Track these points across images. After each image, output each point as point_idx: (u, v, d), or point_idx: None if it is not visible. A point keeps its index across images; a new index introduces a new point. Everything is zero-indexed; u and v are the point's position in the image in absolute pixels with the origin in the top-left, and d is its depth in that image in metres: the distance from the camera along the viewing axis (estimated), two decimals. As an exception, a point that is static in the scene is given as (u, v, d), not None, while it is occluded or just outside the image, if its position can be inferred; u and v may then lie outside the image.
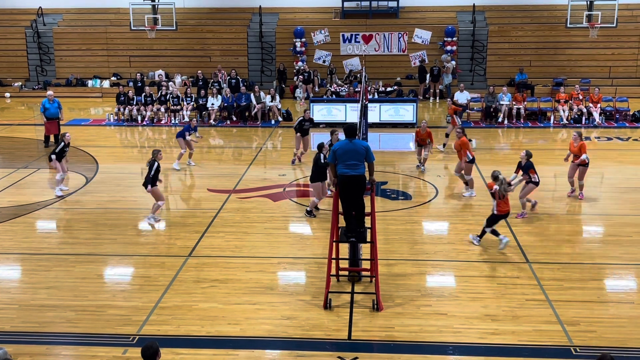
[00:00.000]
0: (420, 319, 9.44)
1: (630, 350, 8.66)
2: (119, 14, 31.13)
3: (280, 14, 31.50)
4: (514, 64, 28.68)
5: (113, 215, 13.96)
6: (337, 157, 9.90)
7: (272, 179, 16.62)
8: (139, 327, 9.23)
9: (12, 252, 12.11)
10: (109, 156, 19.00)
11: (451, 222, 13.51)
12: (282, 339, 8.95)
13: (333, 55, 25.89)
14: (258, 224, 13.35)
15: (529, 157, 13.52)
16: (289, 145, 19.28)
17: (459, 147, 15.08)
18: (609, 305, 9.91)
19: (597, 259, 11.55)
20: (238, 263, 11.41)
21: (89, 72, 30.61)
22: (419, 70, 27.66)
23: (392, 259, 11.51)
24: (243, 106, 23.90)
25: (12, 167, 17.77)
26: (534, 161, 13.66)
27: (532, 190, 13.56)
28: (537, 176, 13.50)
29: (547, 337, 8.93)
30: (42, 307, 9.86)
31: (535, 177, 13.44)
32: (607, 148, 20.03)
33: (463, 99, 23.46)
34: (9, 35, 31.34)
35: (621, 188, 15.54)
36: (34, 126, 23.34)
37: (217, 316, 9.55)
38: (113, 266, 11.52)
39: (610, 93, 25.34)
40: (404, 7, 30.82)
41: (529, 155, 13.53)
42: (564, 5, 27.05)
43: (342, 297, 10.08)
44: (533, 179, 13.44)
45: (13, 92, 30.00)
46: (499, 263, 11.36)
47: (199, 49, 30.23)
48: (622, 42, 28.69)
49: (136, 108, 23.90)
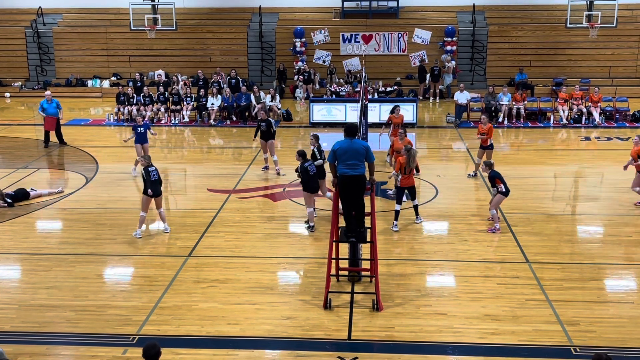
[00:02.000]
0: (420, 319, 9.44)
1: (630, 350, 8.66)
2: (119, 14, 31.12)
3: (280, 14, 31.50)
4: (514, 64, 28.67)
5: (113, 215, 13.96)
6: (337, 157, 9.91)
7: (272, 179, 16.62)
8: (139, 327, 9.23)
9: (12, 252, 12.11)
10: (109, 156, 18.99)
11: (451, 222, 13.51)
12: (282, 339, 8.95)
13: (333, 55, 25.88)
14: (258, 224, 13.35)
15: (489, 167, 12.83)
16: (290, 146, 19.30)
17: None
18: (609, 305, 9.91)
19: (597, 259, 11.55)
20: (238, 263, 11.42)
21: (89, 72, 30.60)
22: (419, 70, 27.66)
23: (392, 259, 11.51)
24: (243, 106, 23.90)
25: (12, 167, 17.77)
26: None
27: (501, 200, 12.71)
28: (504, 186, 12.57)
29: (547, 337, 8.93)
30: (42, 307, 9.86)
31: (501, 187, 12.55)
32: (607, 148, 20.03)
33: (463, 99, 23.46)
34: (9, 35, 31.33)
35: (621, 188, 15.52)
36: (34, 126, 23.33)
37: (217, 316, 9.55)
38: (113, 266, 11.53)
39: (610, 93, 25.34)
40: (404, 7, 30.82)
41: (489, 166, 12.86)
42: (564, 5, 27.04)
43: (342, 297, 10.08)
44: (500, 189, 12.59)
45: (13, 92, 29.99)
46: (498, 263, 11.36)
47: (199, 49, 30.22)
48: (622, 42, 28.68)
49: (136, 108, 23.90)
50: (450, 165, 18.36)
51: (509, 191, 12.70)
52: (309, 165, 12.84)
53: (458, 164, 18.39)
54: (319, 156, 13.55)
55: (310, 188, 12.85)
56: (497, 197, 12.71)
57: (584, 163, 18.24)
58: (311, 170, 12.79)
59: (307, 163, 12.87)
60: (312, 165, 12.93)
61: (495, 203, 12.79)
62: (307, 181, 12.78)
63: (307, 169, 12.77)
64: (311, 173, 12.79)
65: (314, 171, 12.86)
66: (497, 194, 12.69)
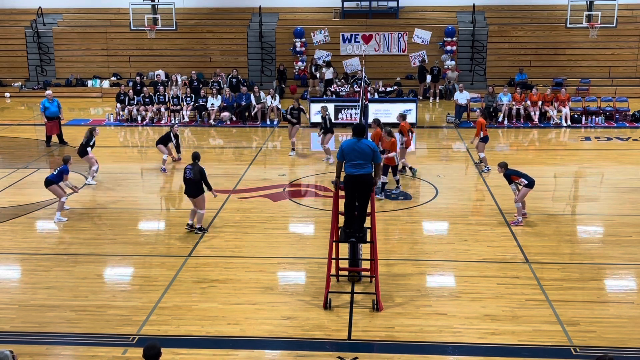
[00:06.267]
0: (420, 319, 9.45)
1: (630, 350, 8.66)
2: (119, 14, 31.13)
3: (280, 14, 31.50)
4: (513, 64, 28.67)
5: (113, 215, 13.96)
6: (344, 156, 9.91)
7: (272, 179, 16.62)
8: (139, 327, 9.23)
9: (12, 252, 12.11)
10: (109, 156, 18.98)
11: (451, 222, 13.51)
12: (282, 339, 8.96)
13: (333, 55, 25.88)
14: (258, 224, 13.35)
15: (504, 167, 13.21)
16: (289, 146, 19.27)
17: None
18: (609, 305, 9.91)
19: (597, 259, 11.55)
20: (238, 263, 11.42)
21: (89, 72, 30.59)
22: (419, 71, 27.65)
23: (392, 259, 11.51)
24: (243, 106, 23.89)
25: (12, 167, 17.77)
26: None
27: (526, 193, 13.02)
28: (525, 178, 12.97)
29: (547, 337, 8.93)
30: (42, 307, 9.86)
31: (522, 180, 12.98)
32: (607, 148, 20.03)
33: (463, 99, 23.45)
34: (9, 35, 31.32)
35: (621, 188, 15.54)
36: (34, 126, 23.34)
37: (217, 316, 9.55)
38: (113, 266, 11.53)
39: (610, 93, 25.35)
40: (403, 7, 30.81)
41: (503, 167, 13.22)
42: (564, 5, 27.04)
43: (342, 297, 10.08)
44: (521, 184, 12.98)
45: (13, 92, 29.99)
46: (498, 263, 11.36)
47: (199, 49, 30.22)
48: (622, 42, 28.68)
49: (136, 108, 23.90)
50: (450, 165, 18.36)
51: (534, 181, 13.02)
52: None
53: (458, 164, 18.40)
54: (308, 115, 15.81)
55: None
56: (522, 190, 13.01)
57: (584, 163, 18.24)
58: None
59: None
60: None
61: (521, 196, 13.07)
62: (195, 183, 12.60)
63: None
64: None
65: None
66: (518, 188, 13.03)
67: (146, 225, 13.66)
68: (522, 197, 13.07)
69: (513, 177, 13.13)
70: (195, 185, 12.50)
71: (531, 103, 23.11)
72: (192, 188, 12.54)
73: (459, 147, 20.17)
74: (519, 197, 13.06)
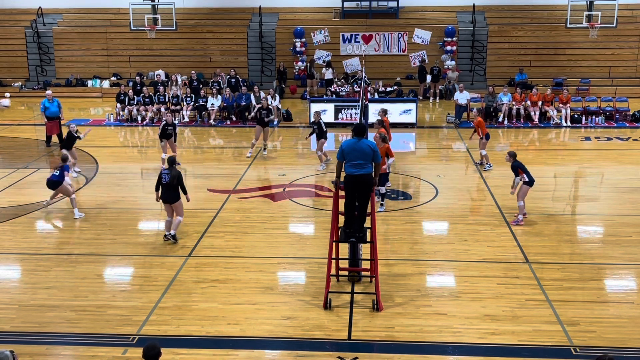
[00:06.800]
0: (420, 319, 9.44)
1: (630, 350, 8.66)
2: (119, 14, 31.12)
3: (280, 14, 31.50)
4: (513, 64, 28.67)
5: (113, 215, 13.96)
6: (344, 156, 9.91)
7: (272, 179, 16.62)
8: (139, 327, 9.23)
9: (12, 252, 12.11)
10: (109, 156, 18.99)
11: (451, 222, 13.51)
12: (282, 339, 8.95)
13: (333, 55, 25.88)
14: (258, 224, 13.35)
15: (513, 157, 13.23)
16: (289, 146, 19.29)
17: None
18: (609, 305, 9.91)
19: (596, 259, 11.55)
20: (238, 263, 11.41)
21: (89, 72, 30.59)
22: (419, 71, 27.65)
23: (392, 259, 11.51)
24: (243, 106, 23.89)
25: (12, 167, 17.76)
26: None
27: (526, 191, 13.04)
28: (527, 175, 13.00)
29: (547, 337, 8.93)
30: (42, 307, 9.86)
31: (524, 177, 12.98)
32: (607, 148, 20.03)
33: (463, 99, 23.45)
34: (9, 35, 31.32)
35: (621, 188, 15.54)
36: (34, 126, 23.34)
37: (217, 316, 9.55)
38: (113, 266, 11.52)
39: (610, 93, 25.34)
40: (403, 7, 30.81)
41: (512, 156, 13.25)
42: (564, 5, 27.04)
43: (342, 297, 10.08)
44: (523, 179, 12.99)
45: (13, 92, 29.98)
46: (498, 263, 11.36)
47: (199, 49, 30.22)
48: (622, 42, 28.68)
49: (136, 108, 23.90)
50: (450, 165, 18.36)
51: (534, 181, 13.06)
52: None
53: (458, 164, 18.40)
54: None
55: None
56: (523, 188, 13.04)
57: (584, 163, 18.24)
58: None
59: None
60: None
61: (522, 194, 13.09)
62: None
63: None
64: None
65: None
66: (521, 184, 13.05)
67: (146, 225, 13.65)
68: (522, 195, 13.07)
69: (519, 170, 13.13)
70: (173, 191, 12.24)
71: (531, 103, 23.13)
72: (169, 193, 12.20)
73: (459, 147, 20.17)
74: (521, 195, 13.07)
